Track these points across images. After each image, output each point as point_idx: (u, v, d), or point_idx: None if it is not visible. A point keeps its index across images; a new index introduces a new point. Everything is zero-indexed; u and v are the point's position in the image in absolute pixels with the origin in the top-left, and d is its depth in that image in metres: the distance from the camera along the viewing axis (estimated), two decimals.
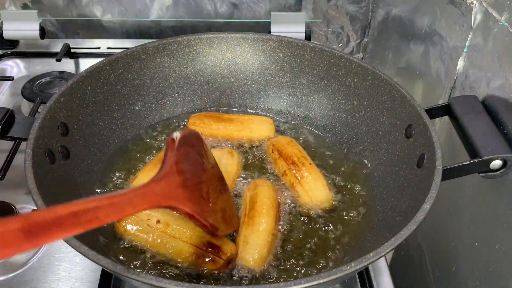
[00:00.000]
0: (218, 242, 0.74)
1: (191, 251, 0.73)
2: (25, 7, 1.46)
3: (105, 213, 0.52)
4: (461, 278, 0.91)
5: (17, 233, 0.44)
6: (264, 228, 0.76)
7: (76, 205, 0.49)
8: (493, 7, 0.81)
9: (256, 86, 1.07)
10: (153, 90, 1.01)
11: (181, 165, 0.65)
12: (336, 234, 0.81)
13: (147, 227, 0.75)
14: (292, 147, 0.92)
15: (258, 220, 0.77)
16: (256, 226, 0.76)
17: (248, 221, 0.78)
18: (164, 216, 0.76)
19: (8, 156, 0.92)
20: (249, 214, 0.78)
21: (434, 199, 0.66)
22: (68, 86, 0.85)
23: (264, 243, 0.75)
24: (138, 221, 0.76)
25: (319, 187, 0.86)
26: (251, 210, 0.79)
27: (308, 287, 0.56)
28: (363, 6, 1.49)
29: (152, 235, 0.75)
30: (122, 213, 0.55)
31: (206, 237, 0.74)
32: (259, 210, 0.79)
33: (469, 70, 0.90)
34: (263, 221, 0.77)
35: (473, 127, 0.77)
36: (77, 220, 0.49)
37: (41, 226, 0.46)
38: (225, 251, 0.73)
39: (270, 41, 1.02)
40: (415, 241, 1.13)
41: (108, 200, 0.53)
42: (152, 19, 1.50)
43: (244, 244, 0.75)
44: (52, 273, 0.81)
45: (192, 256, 0.73)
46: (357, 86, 0.96)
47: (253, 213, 0.78)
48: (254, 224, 0.77)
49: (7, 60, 1.37)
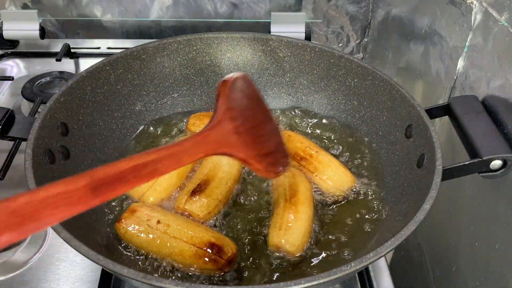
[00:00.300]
0: (219, 242, 0.74)
1: (192, 252, 0.73)
2: (25, 7, 1.46)
3: (164, 164, 0.54)
4: (461, 278, 0.91)
5: (85, 190, 0.47)
6: (307, 218, 0.78)
7: (136, 159, 0.52)
8: (493, 7, 0.81)
9: (256, 86, 1.06)
10: (153, 90, 1.01)
11: (233, 111, 0.66)
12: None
13: (148, 227, 0.75)
14: (293, 142, 0.92)
15: (302, 208, 0.78)
16: (299, 214, 0.77)
17: (291, 207, 0.78)
18: (165, 216, 0.76)
19: (8, 156, 0.92)
20: (291, 201, 0.79)
21: (434, 199, 0.66)
22: (68, 86, 0.85)
23: (305, 231, 0.76)
24: (139, 222, 0.76)
25: (335, 171, 0.86)
26: (293, 198, 0.80)
27: (308, 287, 0.56)
28: (363, 6, 1.49)
29: (152, 236, 0.74)
30: (180, 163, 0.57)
31: (206, 237, 0.74)
32: (302, 199, 0.80)
33: (469, 70, 0.90)
34: (307, 210, 0.79)
35: (473, 127, 0.77)
36: (139, 174, 0.51)
37: (106, 181, 0.48)
38: (226, 251, 0.73)
39: (270, 41, 1.02)
40: (415, 241, 1.13)
41: (167, 152, 0.55)
42: (152, 19, 1.50)
43: (288, 229, 0.76)
44: (52, 273, 0.81)
45: (193, 257, 0.73)
46: (357, 86, 0.96)
47: (295, 200, 0.79)
48: (297, 212, 0.78)
49: (7, 60, 1.37)
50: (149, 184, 0.83)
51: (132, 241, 0.76)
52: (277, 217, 0.79)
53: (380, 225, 0.80)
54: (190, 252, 0.73)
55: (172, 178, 0.85)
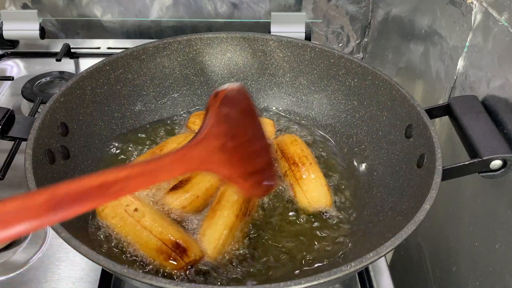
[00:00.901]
0: (186, 244, 0.73)
1: (157, 246, 0.73)
2: (25, 7, 1.46)
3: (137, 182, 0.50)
4: (461, 278, 0.91)
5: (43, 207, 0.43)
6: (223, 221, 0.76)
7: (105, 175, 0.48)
8: (493, 7, 0.81)
9: (256, 86, 1.07)
10: (153, 90, 1.01)
11: (221, 127, 0.62)
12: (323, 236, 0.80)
13: (123, 212, 0.75)
14: (295, 147, 0.91)
15: (219, 213, 0.77)
16: (215, 219, 0.77)
17: (210, 214, 0.78)
18: (144, 207, 0.77)
19: (8, 156, 0.92)
20: (214, 208, 0.79)
21: (434, 199, 0.66)
22: (68, 86, 0.85)
23: (218, 235, 0.75)
24: (117, 204, 0.76)
25: (317, 187, 0.85)
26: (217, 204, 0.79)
27: (308, 287, 0.56)
28: (363, 6, 1.49)
29: (125, 222, 0.75)
30: (155, 180, 0.53)
31: (175, 236, 0.73)
32: (223, 204, 0.78)
33: (469, 70, 0.90)
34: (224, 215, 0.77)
35: (473, 127, 0.77)
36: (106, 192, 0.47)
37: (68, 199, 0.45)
38: (189, 254, 0.72)
39: (270, 41, 1.02)
40: (415, 241, 1.13)
41: (141, 169, 0.51)
42: (152, 19, 1.50)
43: (201, 236, 0.76)
44: (52, 273, 0.81)
45: (157, 251, 0.73)
46: (357, 86, 0.96)
47: (217, 206, 0.78)
48: (214, 217, 0.77)
49: (7, 60, 1.37)
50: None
51: (107, 220, 0.76)
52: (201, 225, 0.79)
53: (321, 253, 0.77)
54: (154, 245, 0.73)
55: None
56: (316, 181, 0.86)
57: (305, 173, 0.86)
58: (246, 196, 0.71)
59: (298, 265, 0.75)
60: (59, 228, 0.61)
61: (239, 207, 0.79)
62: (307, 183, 0.85)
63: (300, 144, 0.93)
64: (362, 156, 0.94)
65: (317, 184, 0.85)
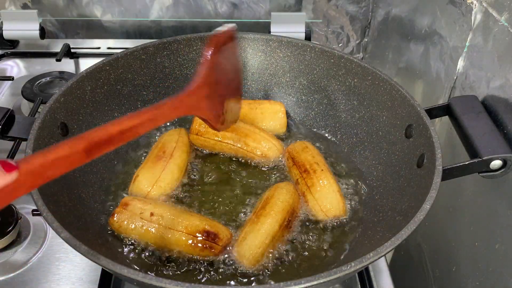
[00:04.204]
0: (214, 229, 0.75)
1: (187, 241, 0.74)
2: (25, 7, 1.46)
3: (144, 126, 0.59)
4: (461, 278, 0.91)
5: (82, 153, 0.52)
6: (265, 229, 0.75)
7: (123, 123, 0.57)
8: (493, 7, 0.81)
9: (256, 86, 1.07)
10: (153, 90, 1.01)
11: (212, 77, 0.70)
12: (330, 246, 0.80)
13: (141, 220, 0.76)
14: (306, 153, 0.89)
15: (263, 219, 0.76)
16: (258, 225, 0.76)
17: (254, 219, 0.77)
18: (157, 208, 0.77)
19: (8, 156, 0.92)
20: (258, 213, 0.78)
21: (434, 199, 0.66)
22: (68, 86, 0.85)
23: (259, 243, 0.74)
24: (132, 215, 0.76)
25: (329, 195, 0.82)
26: (261, 209, 0.79)
27: (308, 287, 0.56)
28: (363, 6, 1.49)
29: (147, 228, 0.75)
30: (156, 124, 0.62)
31: (201, 225, 0.75)
32: (268, 211, 0.78)
33: (469, 70, 0.90)
34: (268, 222, 0.76)
35: (473, 127, 0.77)
36: (122, 136, 0.57)
37: (98, 144, 0.54)
38: (221, 237, 0.74)
39: (270, 41, 1.02)
40: (415, 241, 1.13)
41: (147, 116, 0.60)
42: (152, 19, 1.50)
43: (242, 240, 0.75)
44: (52, 273, 0.81)
45: (190, 246, 0.74)
46: (357, 86, 0.96)
47: (262, 212, 0.78)
48: (257, 223, 0.76)
49: (7, 60, 1.37)
50: (152, 182, 0.84)
51: (128, 234, 0.77)
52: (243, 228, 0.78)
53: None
54: (186, 241, 0.74)
55: (174, 173, 0.87)
56: (328, 188, 0.83)
57: (317, 181, 0.84)
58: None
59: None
60: (59, 228, 0.61)
61: (283, 217, 0.78)
62: (320, 191, 0.83)
63: (312, 151, 0.91)
64: (362, 156, 0.94)
65: (330, 191, 0.83)
